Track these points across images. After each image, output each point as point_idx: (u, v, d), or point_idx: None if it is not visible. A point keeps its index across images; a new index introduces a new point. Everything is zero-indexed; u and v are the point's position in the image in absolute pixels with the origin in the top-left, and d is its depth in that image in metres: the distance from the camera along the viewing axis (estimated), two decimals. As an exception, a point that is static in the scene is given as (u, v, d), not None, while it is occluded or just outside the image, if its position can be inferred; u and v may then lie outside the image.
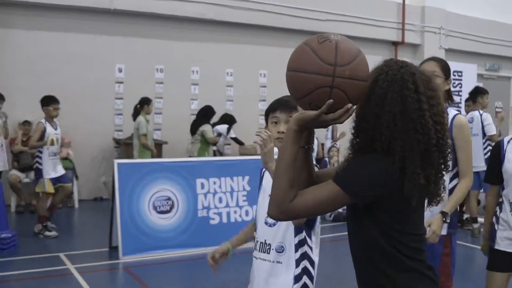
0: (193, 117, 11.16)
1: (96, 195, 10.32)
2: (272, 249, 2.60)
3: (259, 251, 2.67)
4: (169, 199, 6.80)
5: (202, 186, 7.05)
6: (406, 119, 1.79)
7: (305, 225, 2.56)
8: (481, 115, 7.99)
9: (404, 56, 13.89)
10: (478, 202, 8.53)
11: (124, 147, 9.97)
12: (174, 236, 6.73)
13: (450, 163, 1.96)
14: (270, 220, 2.63)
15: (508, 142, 3.56)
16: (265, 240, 2.64)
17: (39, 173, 7.36)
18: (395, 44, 13.70)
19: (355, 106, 1.81)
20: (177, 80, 10.95)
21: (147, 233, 6.57)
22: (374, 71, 1.90)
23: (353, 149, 1.96)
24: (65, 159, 9.51)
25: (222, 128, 10.76)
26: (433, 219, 3.22)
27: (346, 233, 2.05)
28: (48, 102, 7.46)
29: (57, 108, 7.47)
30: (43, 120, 7.43)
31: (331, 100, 1.73)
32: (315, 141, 8.98)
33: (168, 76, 10.85)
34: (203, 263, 6.37)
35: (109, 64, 10.31)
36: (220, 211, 7.11)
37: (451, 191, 3.35)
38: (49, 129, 7.43)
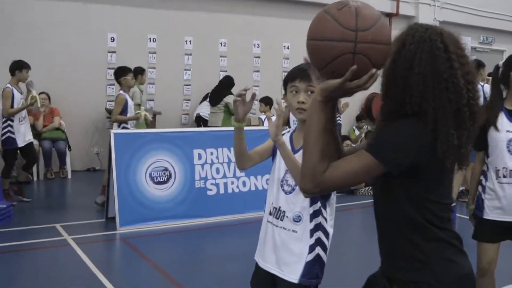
0: (187, 88, 11.07)
1: (89, 166, 10.19)
2: (287, 216, 2.56)
3: (273, 216, 2.61)
4: (166, 169, 6.71)
5: (200, 156, 6.96)
6: (437, 79, 1.75)
7: (320, 196, 2.51)
8: (482, 86, 7.97)
9: (398, 28, 13.53)
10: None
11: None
12: (172, 207, 6.66)
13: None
14: (287, 187, 2.58)
15: None
16: (280, 207, 2.59)
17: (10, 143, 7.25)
18: (389, 15, 13.53)
19: (379, 71, 1.75)
20: (170, 50, 10.77)
21: (145, 204, 6.49)
22: (400, 35, 1.87)
23: (383, 117, 1.91)
24: (57, 129, 9.38)
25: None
26: None
27: (348, 204, 2.00)
28: (22, 66, 7.28)
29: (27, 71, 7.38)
30: (9, 85, 7.23)
31: (355, 66, 1.66)
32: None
33: (161, 46, 10.67)
34: (200, 233, 6.41)
35: (100, 33, 10.10)
36: (217, 182, 7.04)
37: None
38: (17, 94, 7.28)
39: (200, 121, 10.42)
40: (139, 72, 9.05)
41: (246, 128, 2.68)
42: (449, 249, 1.89)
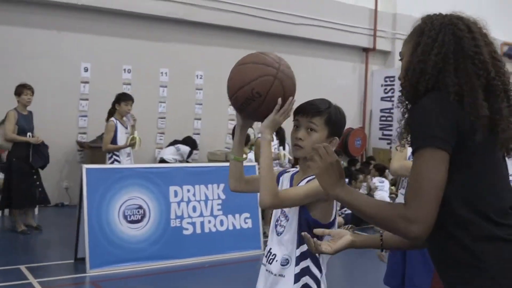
0: (161, 121, 10.80)
1: (58, 201, 9.76)
2: (276, 260, 2.38)
3: (266, 260, 2.45)
4: (140, 207, 6.37)
5: (176, 194, 6.65)
6: (463, 55, 1.72)
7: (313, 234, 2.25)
8: None
9: (375, 62, 13.81)
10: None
11: (88, 150, 9.47)
12: (146, 247, 6.30)
13: None
14: (279, 229, 2.41)
15: None
16: (271, 249, 2.44)
17: None
18: (366, 50, 13.56)
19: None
20: (145, 81, 10.51)
21: (117, 244, 6.13)
22: (415, 28, 1.84)
23: (402, 106, 1.86)
24: (26, 162, 8.98)
25: (185, 150, 10.35)
26: None
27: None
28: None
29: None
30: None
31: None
32: (287, 148, 8.80)
33: (136, 77, 10.40)
34: (176, 276, 6.06)
35: (74, 62, 9.79)
36: (193, 221, 6.72)
37: None
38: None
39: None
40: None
41: (227, 164, 2.56)
42: (507, 248, 1.63)
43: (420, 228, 1.55)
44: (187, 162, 10.37)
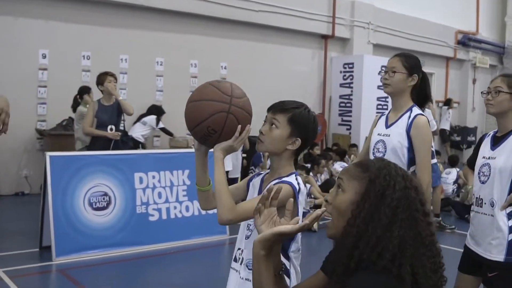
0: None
1: (17, 190, 9.58)
2: (243, 263, 2.40)
3: (234, 259, 2.49)
4: (105, 194, 6.34)
5: (141, 180, 6.64)
6: (420, 243, 1.60)
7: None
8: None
9: (334, 49, 13.95)
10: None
11: (48, 138, 9.32)
12: (112, 234, 6.28)
13: None
14: (247, 232, 2.43)
15: (487, 136, 3.42)
16: (239, 249, 2.47)
17: None
18: (325, 37, 13.68)
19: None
20: (105, 68, 10.33)
21: (83, 232, 6.08)
22: (379, 178, 1.65)
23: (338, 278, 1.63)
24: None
25: (151, 119, 10.35)
26: None
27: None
28: None
29: None
30: None
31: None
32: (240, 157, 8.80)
33: (95, 63, 10.23)
34: (143, 262, 6.07)
35: (31, 49, 9.59)
36: (159, 207, 6.72)
37: None
38: None
39: (135, 143, 10.04)
40: (85, 91, 8.64)
41: (193, 150, 2.57)
42: None
43: None
44: (163, 130, 10.56)
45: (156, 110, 10.59)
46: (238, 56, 11.85)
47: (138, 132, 10.09)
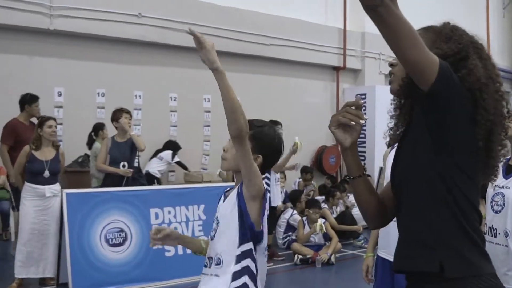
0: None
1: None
2: (212, 262, 2.52)
3: (204, 266, 2.61)
4: (122, 230, 6.37)
5: (157, 216, 6.67)
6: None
7: (252, 236, 2.42)
8: None
9: (346, 81, 14.02)
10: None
11: (65, 175, 9.36)
12: (128, 270, 6.31)
13: None
14: (212, 233, 2.57)
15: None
16: (207, 257, 2.60)
17: None
18: (336, 69, 13.76)
19: None
20: (119, 105, 10.45)
21: (99, 268, 6.12)
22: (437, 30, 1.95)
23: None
24: (2, 189, 8.87)
25: (167, 154, 10.40)
26: None
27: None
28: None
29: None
30: None
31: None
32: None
33: (109, 100, 10.35)
34: (159, 298, 6.04)
35: (46, 87, 9.72)
36: (175, 243, 6.71)
37: None
38: None
39: (151, 178, 10.09)
40: (99, 128, 8.75)
41: (207, 185, 2.63)
42: None
43: None
44: (178, 164, 10.51)
45: (173, 146, 10.65)
46: (251, 90, 11.91)
47: (154, 167, 10.14)
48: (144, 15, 10.28)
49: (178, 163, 10.59)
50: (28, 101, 7.48)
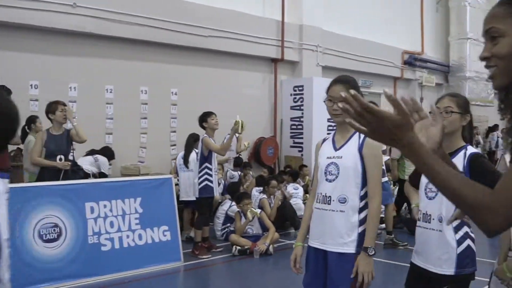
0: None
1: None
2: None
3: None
4: (56, 226, 6.25)
5: (92, 210, 6.57)
6: None
7: None
8: None
9: (283, 73, 14.13)
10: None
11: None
12: (63, 266, 6.20)
13: None
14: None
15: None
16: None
17: None
18: (274, 60, 13.84)
19: None
20: (53, 97, 10.20)
21: (33, 265, 5.99)
22: None
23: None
24: None
25: (104, 163, 10.05)
26: (358, 260, 3.15)
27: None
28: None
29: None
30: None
31: None
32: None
33: (43, 92, 10.10)
34: (96, 294, 5.98)
35: (22, 81, 9.42)
36: (111, 237, 6.66)
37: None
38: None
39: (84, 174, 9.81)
40: (31, 121, 8.48)
41: (144, 177, 2.59)
42: None
43: (497, 221, 1.42)
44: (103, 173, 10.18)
45: (109, 153, 10.31)
46: (188, 82, 11.87)
47: (88, 165, 9.88)
48: (79, 5, 10.05)
49: (101, 174, 10.27)
50: None
